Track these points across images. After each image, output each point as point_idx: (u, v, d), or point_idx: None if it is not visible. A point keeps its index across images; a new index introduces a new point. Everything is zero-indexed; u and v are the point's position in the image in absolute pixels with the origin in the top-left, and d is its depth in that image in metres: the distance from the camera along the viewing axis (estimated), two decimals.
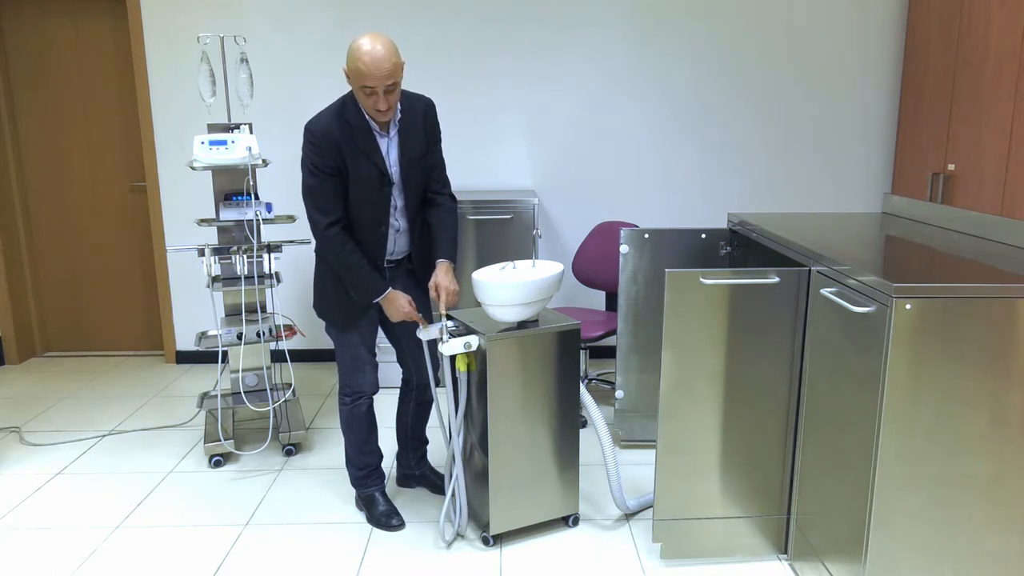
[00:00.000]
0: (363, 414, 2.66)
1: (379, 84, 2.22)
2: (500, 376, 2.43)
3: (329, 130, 2.33)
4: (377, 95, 2.25)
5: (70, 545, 2.59)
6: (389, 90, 2.26)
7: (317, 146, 2.33)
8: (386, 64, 2.20)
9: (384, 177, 2.41)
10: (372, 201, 2.42)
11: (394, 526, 2.67)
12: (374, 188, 2.41)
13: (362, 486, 2.75)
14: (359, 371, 2.61)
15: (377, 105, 2.27)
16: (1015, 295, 1.84)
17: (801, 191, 4.33)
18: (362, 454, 2.72)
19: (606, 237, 3.83)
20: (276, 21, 4.11)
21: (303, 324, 4.44)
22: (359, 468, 2.73)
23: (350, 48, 2.23)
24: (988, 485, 1.93)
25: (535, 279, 2.41)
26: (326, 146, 2.33)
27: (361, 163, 2.37)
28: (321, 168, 2.34)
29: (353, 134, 2.35)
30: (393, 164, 2.44)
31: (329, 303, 2.56)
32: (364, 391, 2.64)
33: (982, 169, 3.20)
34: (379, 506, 2.71)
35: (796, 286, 2.29)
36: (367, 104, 2.29)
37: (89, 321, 4.64)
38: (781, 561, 2.47)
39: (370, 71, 2.19)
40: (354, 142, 2.35)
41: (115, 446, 3.37)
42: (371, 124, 2.38)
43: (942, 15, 3.60)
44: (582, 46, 4.15)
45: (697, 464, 2.39)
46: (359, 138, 2.36)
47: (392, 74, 2.23)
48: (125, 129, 4.39)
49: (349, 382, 2.63)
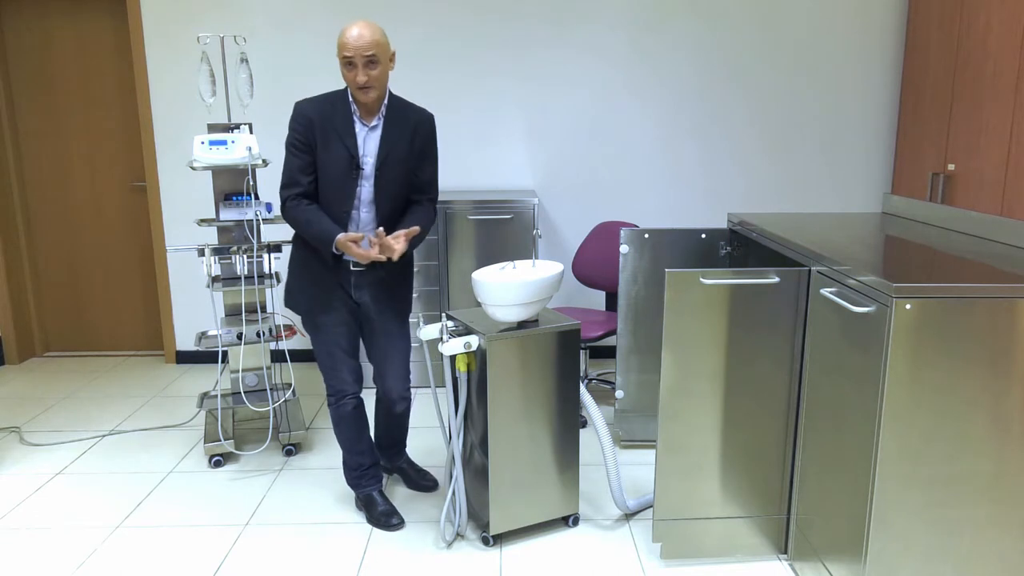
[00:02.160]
0: (349, 414, 2.66)
1: (356, 54, 2.33)
2: (500, 376, 2.43)
3: (307, 108, 2.45)
4: (356, 67, 2.35)
5: (70, 545, 2.59)
6: (369, 64, 2.36)
7: (295, 119, 2.46)
8: (366, 35, 2.33)
9: (353, 161, 2.46)
10: (339, 184, 2.48)
11: (394, 525, 2.67)
12: (342, 171, 2.46)
13: (358, 486, 2.76)
14: (336, 370, 2.62)
15: (356, 77, 2.35)
16: (1015, 295, 1.84)
17: (801, 191, 4.33)
18: (353, 454, 2.72)
19: (606, 237, 3.83)
20: (276, 21, 4.12)
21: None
22: (353, 468, 2.74)
23: None
24: (988, 485, 1.93)
25: (535, 279, 2.41)
26: (301, 121, 2.44)
27: (333, 143, 2.45)
28: (293, 142, 2.46)
29: (333, 114, 2.45)
30: (368, 154, 2.49)
31: (294, 292, 2.61)
32: (345, 391, 2.63)
33: (982, 169, 3.20)
34: (378, 506, 2.71)
35: (796, 286, 2.29)
36: (348, 78, 2.39)
37: (89, 321, 4.64)
38: (781, 561, 2.47)
39: (348, 41, 2.33)
40: (332, 122, 2.44)
41: (115, 446, 3.37)
42: (353, 110, 2.47)
43: (942, 15, 3.60)
44: (583, 46, 4.15)
45: (697, 464, 2.39)
46: (337, 119, 2.45)
47: (371, 47, 2.34)
48: (125, 129, 4.39)
49: (330, 382, 2.64)
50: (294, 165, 2.46)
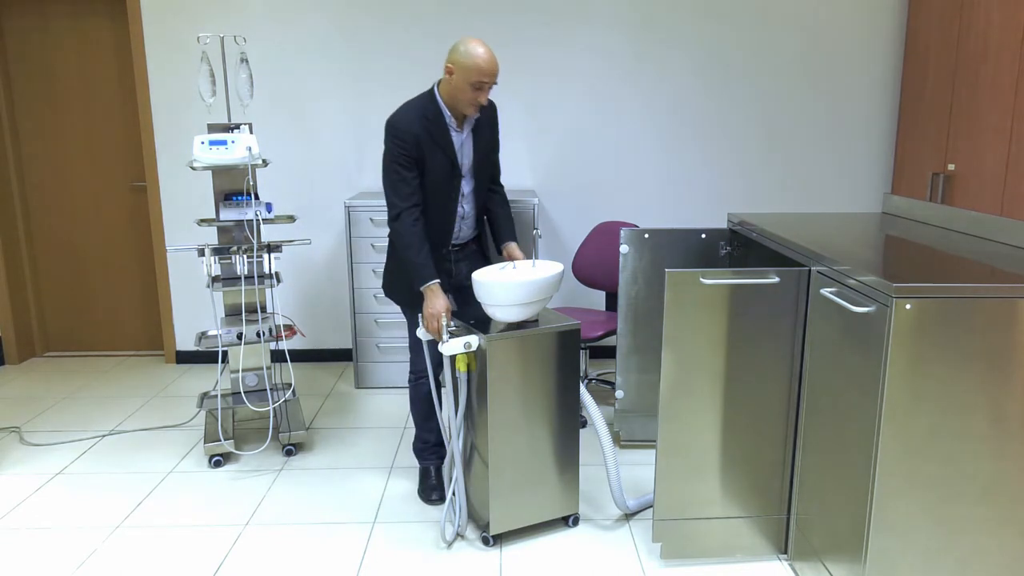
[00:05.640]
0: (423, 394, 2.82)
1: (492, 80, 2.47)
2: (500, 376, 2.43)
3: (412, 126, 2.54)
4: (485, 90, 2.48)
5: (70, 545, 2.59)
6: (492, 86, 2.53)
7: (400, 138, 2.53)
8: (495, 61, 2.48)
9: (455, 169, 2.63)
10: (444, 190, 2.64)
11: (432, 500, 2.85)
12: (445, 178, 2.62)
13: (420, 458, 2.95)
14: (421, 353, 2.79)
15: (481, 99, 2.49)
16: (1015, 295, 1.84)
17: (801, 191, 4.33)
18: (422, 430, 2.90)
19: (606, 237, 3.83)
20: (276, 21, 4.12)
21: (303, 324, 4.44)
22: (420, 441, 2.92)
23: (462, 48, 2.45)
24: (988, 485, 1.93)
25: (534, 279, 2.41)
26: (408, 138, 2.53)
27: (436, 155, 2.58)
28: (402, 161, 2.54)
29: (431, 129, 2.56)
30: (465, 157, 2.65)
31: (395, 285, 2.78)
32: (424, 371, 2.78)
33: (982, 169, 3.20)
34: (429, 480, 2.90)
35: (796, 286, 2.29)
36: (471, 98, 2.49)
37: (89, 321, 4.64)
38: (781, 561, 2.47)
39: (489, 67, 2.45)
40: (432, 136, 2.56)
41: (115, 446, 3.37)
42: (448, 121, 2.58)
43: (942, 15, 3.60)
44: (582, 45, 4.15)
45: (697, 464, 2.39)
46: (436, 133, 2.57)
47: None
48: (125, 129, 4.39)
49: (414, 360, 2.82)
50: (408, 181, 2.55)
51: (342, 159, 4.26)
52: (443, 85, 2.54)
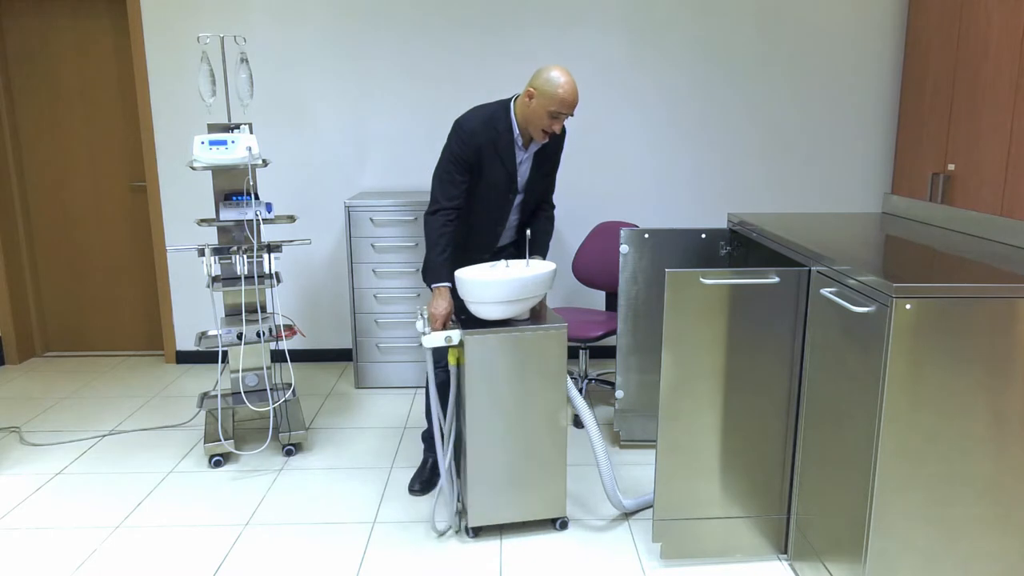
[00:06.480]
0: (441, 383, 2.75)
1: (570, 112, 2.46)
2: (477, 371, 2.46)
3: (477, 132, 2.53)
4: (560, 120, 2.48)
5: (70, 545, 2.59)
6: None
7: (463, 142, 2.53)
8: (578, 95, 2.47)
9: (512, 185, 2.64)
10: (497, 203, 2.66)
11: (414, 490, 2.91)
12: (501, 192, 2.64)
13: (426, 445, 3.01)
14: None
15: (555, 127, 2.48)
16: (1015, 295, 1.84)
17: (801, 191, 4.33)
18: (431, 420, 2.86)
19: (606, 237, 3.83)
20: (276, 21, 4.12)
21: (303, 324, 4.44)
22: (428, 430, 2.95)
23: (546, 75, 2.44)
24: (988, 485, 1.93)
25: (516, 278, 2.42)
26: (471, 144, 2.53)
27: (496, 168, 2.58)
28: (458, 161, 2.54)
29: (497, 140, 2.55)
30: (523, 175, 2.66)
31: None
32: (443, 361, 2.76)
33: (982, 169, 3.20)
34: (423, 473, 2.96)
35: (796, 286, 2.29)
36: (545, 124, 2.48)
37: (89, 321, 4.64)
38: (781, 561, 2.47)
39: (570, 99, 2.44)
40: (496, 148, 2.56)
41: (115, 446, 3.37)
42: (516, 139, 2.58)
43: (942, 15, 3.60)
44: (580, 45, 4.15)
45: (697, 464, 2.39)
46: (501, 145, 2.56)
47: None
48: (125, 129, 4.39)
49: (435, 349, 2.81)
50: (456, 184, 2.55)
51: (342, 159, 4.26)
52: (520, 105, 2.53)
